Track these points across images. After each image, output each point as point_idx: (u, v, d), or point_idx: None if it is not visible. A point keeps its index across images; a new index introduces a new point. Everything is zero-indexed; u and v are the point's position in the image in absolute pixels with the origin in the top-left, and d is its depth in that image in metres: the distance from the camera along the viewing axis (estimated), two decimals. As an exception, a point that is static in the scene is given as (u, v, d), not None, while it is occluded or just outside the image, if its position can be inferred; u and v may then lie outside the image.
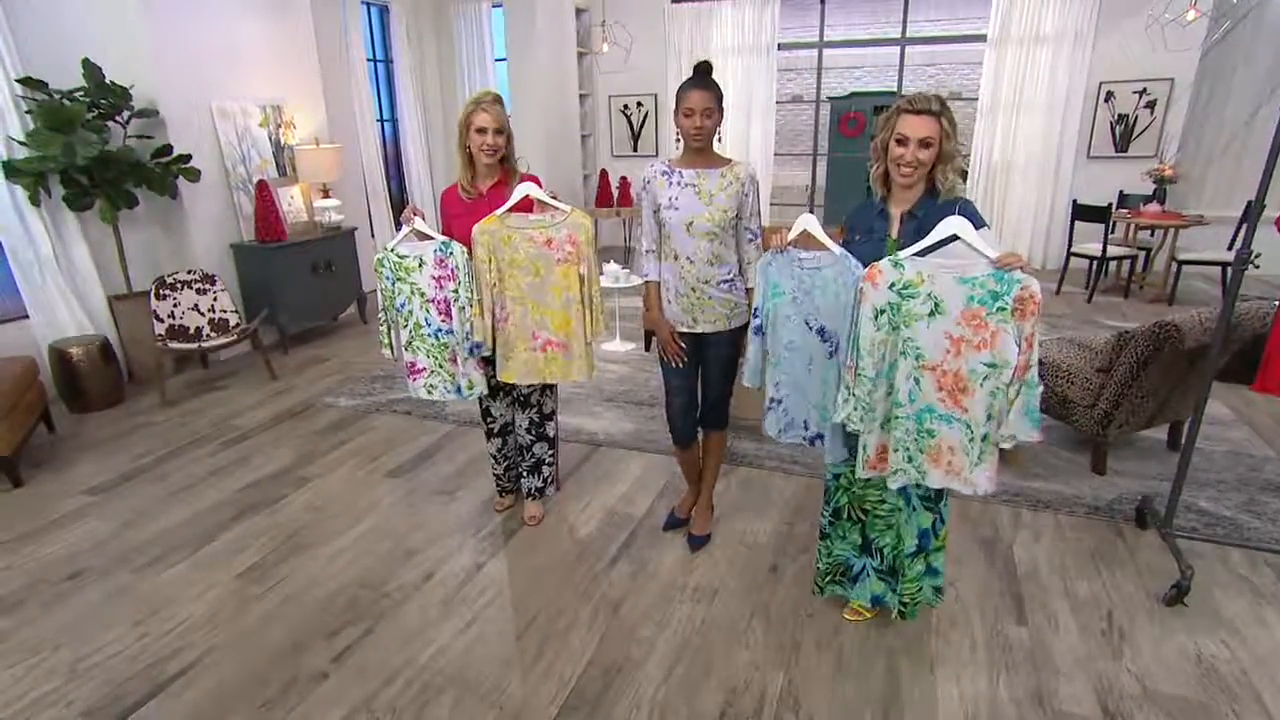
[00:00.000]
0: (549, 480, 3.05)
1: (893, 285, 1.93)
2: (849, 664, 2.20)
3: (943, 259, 1.92)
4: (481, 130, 2.51)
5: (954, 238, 1.89)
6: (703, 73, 2.28)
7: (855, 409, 2.03)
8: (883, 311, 1.95)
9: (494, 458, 3.05)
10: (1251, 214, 2.37)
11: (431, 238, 2.59)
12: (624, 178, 8.06)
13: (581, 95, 8.44)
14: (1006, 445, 1.95)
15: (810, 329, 2.15)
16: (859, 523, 2.30)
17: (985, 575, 2.60)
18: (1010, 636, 2.30)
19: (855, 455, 2.10)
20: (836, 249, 2.06)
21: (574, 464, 3.50)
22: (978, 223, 1.93)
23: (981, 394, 1.90)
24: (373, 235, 6.88)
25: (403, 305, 2.63)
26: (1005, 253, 1.84)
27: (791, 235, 2.14)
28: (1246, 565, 2.62)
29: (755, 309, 2.25)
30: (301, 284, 5.34)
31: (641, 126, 8.61)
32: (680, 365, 2.54)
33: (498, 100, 2.55)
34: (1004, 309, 1.84)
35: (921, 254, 1.93)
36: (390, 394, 4.40)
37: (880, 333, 1.97)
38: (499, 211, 2.53)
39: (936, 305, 1.90)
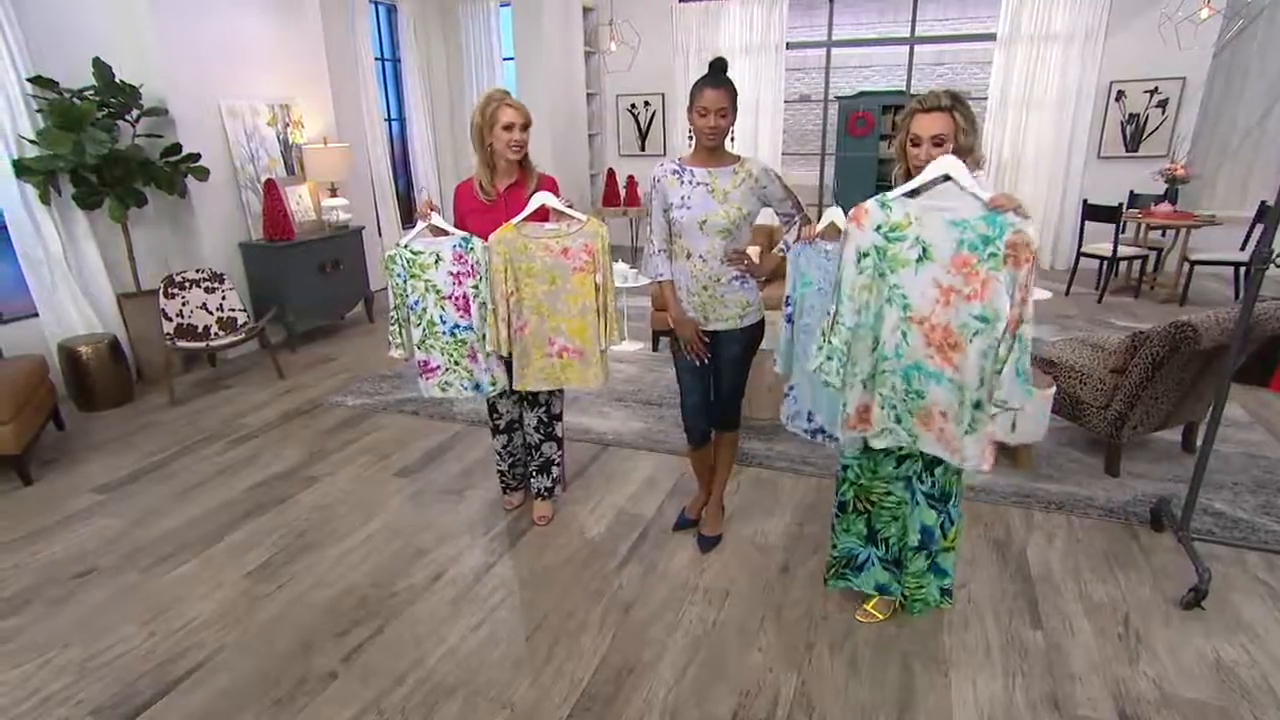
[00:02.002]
0: (557, 480, 3.04)
1: (879, 228, 1.85)
2: (862, 666, 2.18)
3: (934, 201, 1.85)
4: (509, 127, 2.48)
5: (946, 178, 1.82)
6: (718, 70, 2.26)
7: (830, 358, 1.95)
8: (866, 254, 1.87)
9: (500, 454, 3.04)
10: (1269, 214, 2.34)
11: (448, 233, 2.57)
12: (631, 177, 8.05)
13: (589, 94, 8.43)
14: (996, 409, 1.85)
15: None
16: (864, 514, 2.29)
17: (998, 577, 2.57)
18: (1025, 640, 2.27)
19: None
20: None
21: (583, 464, 3.49)
22: None
23: (972, 352, 1.82)
24: (380, 234, 6.89)
25: (416, 303, 2.60)
26: (999, 194, 1.77)
27: (820, 227, 2.15)
28: (1265, 568, 2.59)
29: (787, 297, 2.26)
30: (309, 283, 5.34)
31: (649, 126, 8.59)
32: (702, 364, 2.52)
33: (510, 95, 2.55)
34: (995, 255, 1.75)
35: (911, 195, 1.87)
36: (398, 393, 4.40)
37: (863, 277, 1.89)
38: (515, 220, 2.51)
39: (925, 250, 1.83)
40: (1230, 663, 2.16)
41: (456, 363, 2.65)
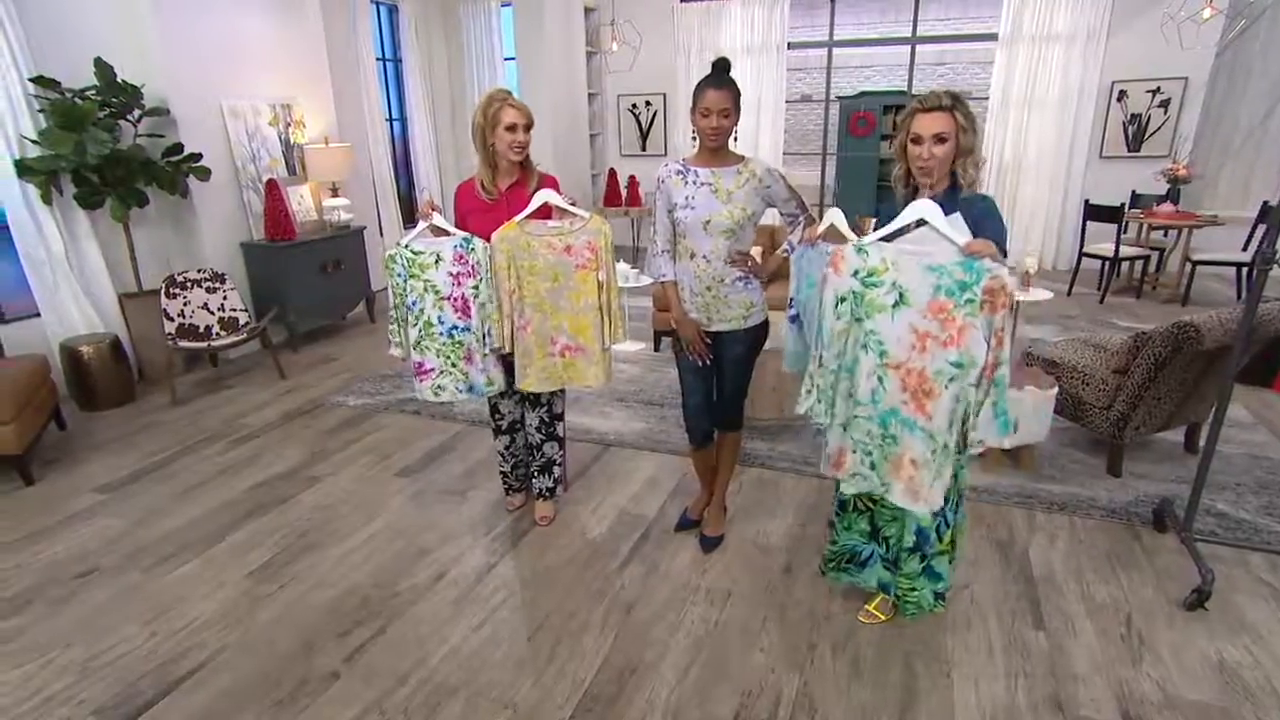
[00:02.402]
0: (559, 480, 3.04)
1: (856, 272, 1.86)
2: (865, 668, 2.18)
3: (912, 245, 1.84)
4: (511, 128, 2.48)
5: (921, 222, 1.82)
6: (720, 70, 2.26)
7: (819, 400, 1.97)
8: (844, 299, 1.88)
9: (502, 455, 3.04)
10: (1271, 214, 2.33)
11: (449, 233, 2.57)
12: (632, 177, 8.04)
13: (590, 94, 8.42)
14: (975, 450, 1.89)
15: None
16: (866, 512, 2.29)
17: (1001, 578, 2.57)
18: (1027, 640, 2.27)
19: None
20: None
21: (585, 464, 3.48)
22: (995, 222, 1.90)
23: (945, 398, 1.82)
24: (381, 234, 6.88)
25: (414, 304, 2.60)
26: (974, 240, 1.78)
27: (821, 229, 2.15)
28: (1268, 569, 2.58)
29: (791, 298, 2.26)
30: (310, 283, 5.34)
31: (650, 126, 8.58)
32: (704, 364, 2.51)
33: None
34: (972, 301, 1.74)
35: (889, 239, 1.87)
36: (399, 393, 4.39)
37: (841, 322, 1.89)
38: (518, 218, 2.51)
39: (901, 295, 1.83)
40: (1233, 664, 2.16)
41: (453, 365, 2.65)
